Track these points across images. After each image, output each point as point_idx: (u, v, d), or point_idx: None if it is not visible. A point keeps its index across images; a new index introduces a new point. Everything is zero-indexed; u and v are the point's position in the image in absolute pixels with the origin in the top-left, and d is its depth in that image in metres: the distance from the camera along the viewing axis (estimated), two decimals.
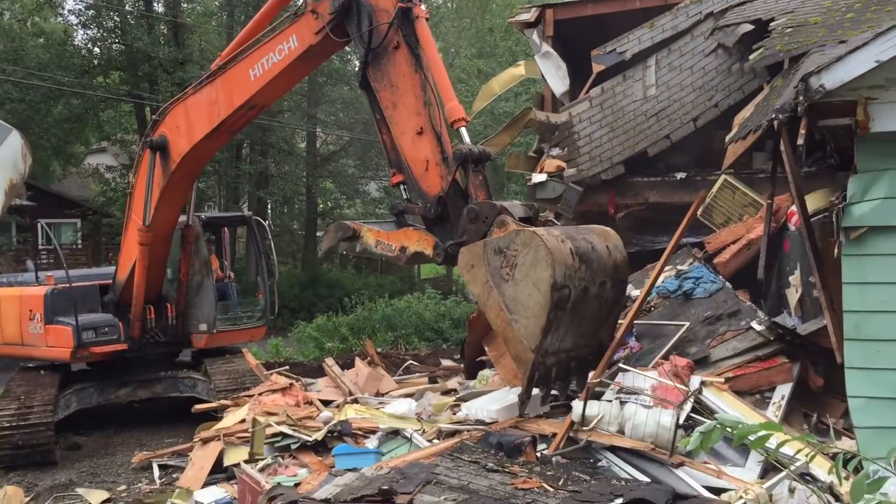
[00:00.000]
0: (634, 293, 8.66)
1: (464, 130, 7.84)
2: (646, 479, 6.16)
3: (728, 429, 3.13)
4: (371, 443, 8.04)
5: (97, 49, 32.16)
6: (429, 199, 7.81)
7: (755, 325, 7.55)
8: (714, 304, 8.14)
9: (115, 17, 30.06)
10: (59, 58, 29.83)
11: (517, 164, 14.42)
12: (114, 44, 31.25)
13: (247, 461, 8.18)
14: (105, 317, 11.65)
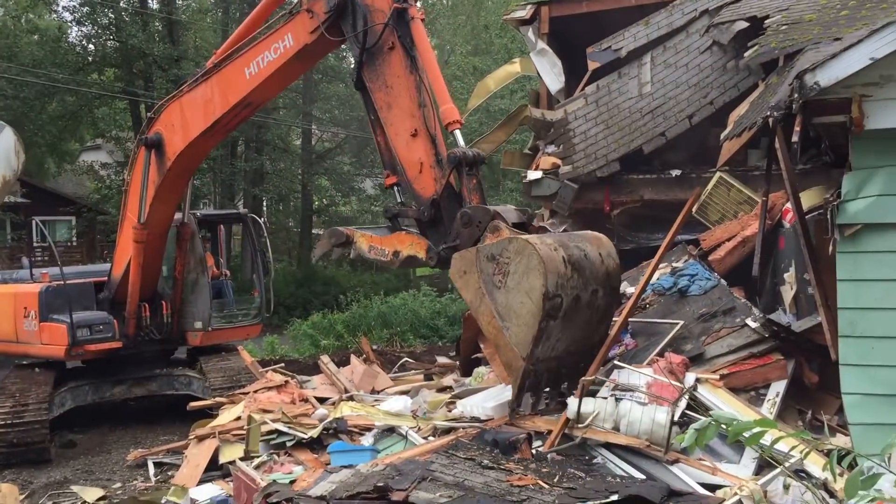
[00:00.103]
0: (629, 290, 8.67)
1: (458, 133, 7.83)
2: (641, 476, 6.16)
3: (723, 426, 3.14)
4: (366, 440, 8.04)
5: (92, 46, 32.13)
6: (422, 202, 7.81)
7: (750, 323, 7.56)
8: (709, 302, 8.15)
9: (110, 14, 30.00)
10: (54, 54, 29.77)
11: (512, 162, 14.42)
12: (108, 40, 31.20)
13: (242, 459, 8.17)
14: (100, 314, 11.64)
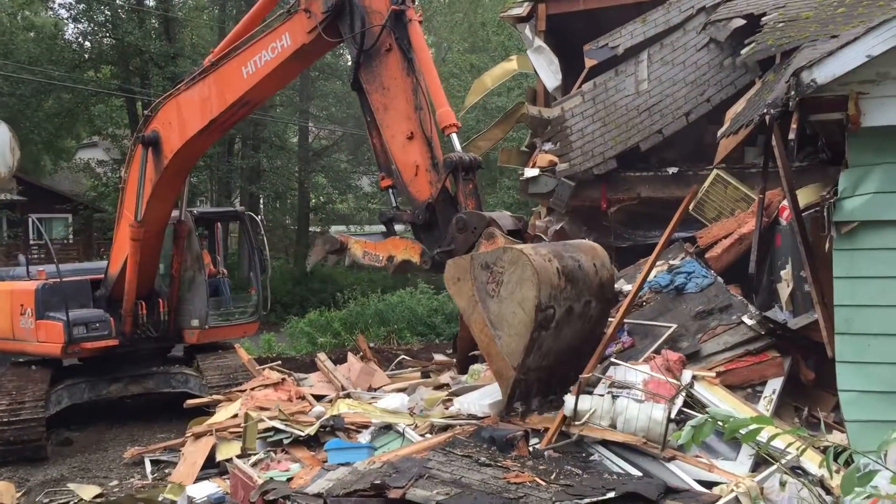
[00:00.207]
0: (626, 288, 8.67)
1: (454, 137, 7.83)
2: (638, 473, 6.17)
3: (719, 423, 3.14)
4: (363, 437, 8.04)
5: (88, 43, 32.09)
6: (417, 205, 7.81)
7: (746, 320, 7.57)
8: (705, 299, 8.16)
9: (106, 11, 29.94)
10: (50, 52, 29.71)
11: (509, 159, 14.41)
12: (105, 38, 31.14)
13: (239, 456, 8.17)
14: (96, 312, 11.62)
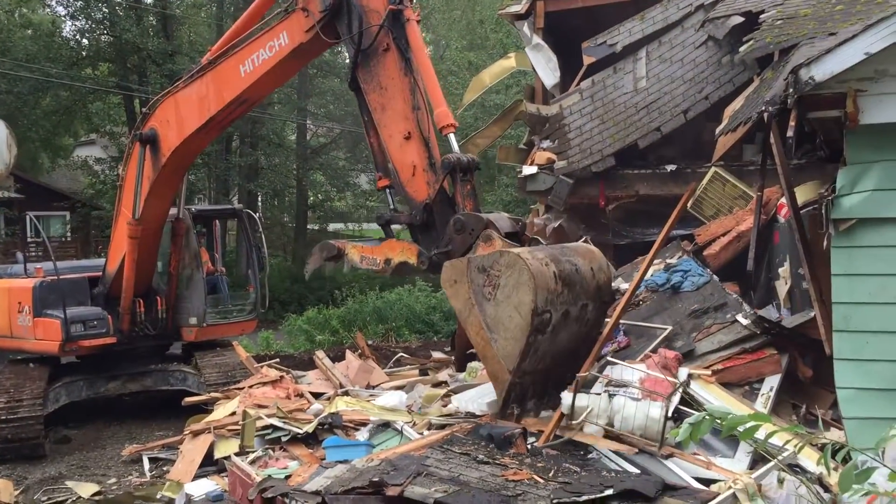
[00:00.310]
0: (623, 287, 8.67)
1: (452, 137, 7.81)
2: (635, 471, 6.17)
3: (717, 420, 3.15)
4: (362, 435, 8.04)
5: (85, 41, 32.02)
6: (414, 205, 7.80)
7: (741, 319, 7.57)
8: (701, 298, 8.16)
9: (104, 9, 29.87)
10: (48, 49, 29.67)
11: (508, 157, 14.41)
12: (102, 35, 31.09)
13: (237, 454, 8.16)
14: (94, 310, 11.61)
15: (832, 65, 5.53)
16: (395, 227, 8.96)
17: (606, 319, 7.69)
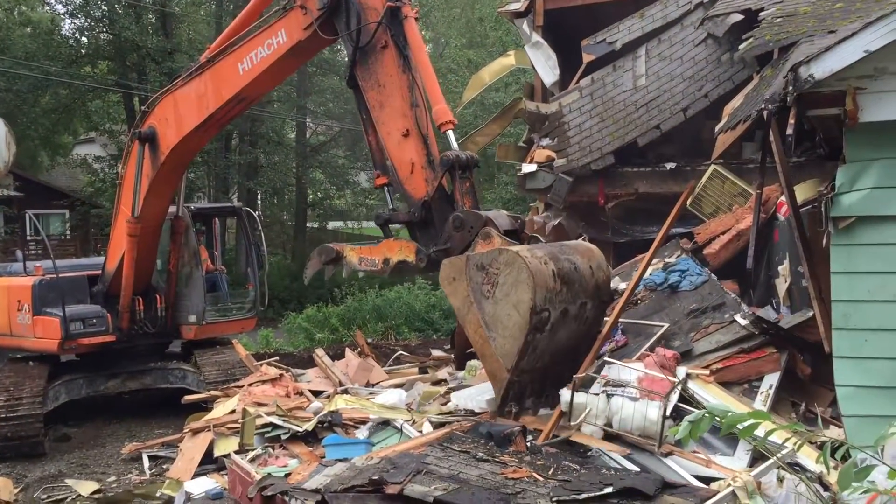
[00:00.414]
0: (622, 286, 8.67)
1: (451, 134, 7.80)
2: (635, 469, 6.18)
3: (717, 418, 3.15)
4: (361, 433, 8.04)
5: (85, 38, 31.98)
6: (413, 203, 7.78)
7: (738, 319, 7.56)
8: (699, 297, 8.15)
9: (103, 7, 29.86)
10: (47, 47, 29.66)
11: (507, 155, 14.40)
12: (101, 33, 31.07)
13: (237, 452, 8.17)
14: (93, 308, 11.61)
15: (832, 62, 5.52)
16: (394, 227, 8.95)
17: (605, 318, 7.69)
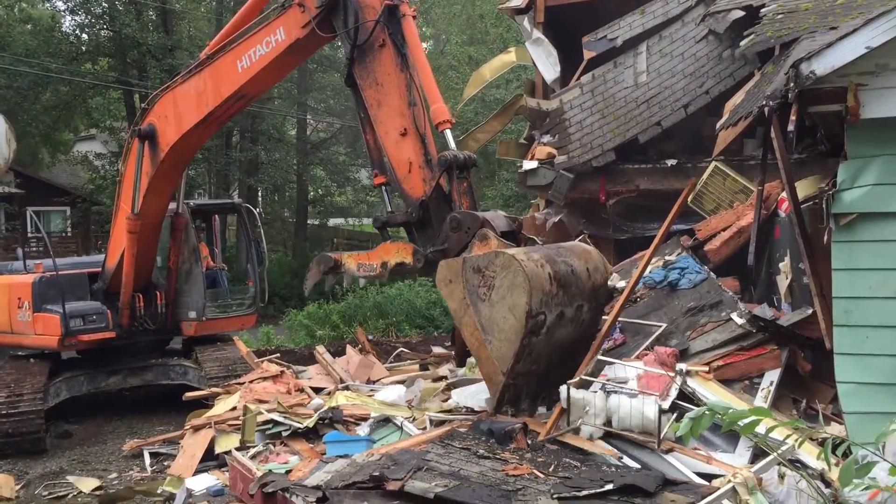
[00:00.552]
0: (621, 284, 8.66)
1: (448, 133, 7.79)
2: (636, 466, 6.18)
3: (718, 415, 3.14)
4: (362, 430, 8.05)
5: (85, 35, 31.95)
6: (411, 202, 7.77)
7: (735, 317, 7.54)
8: (698, 295, 8.13)
9: (104, 3, 29.82)
10: (47, 44, 29.61)
11: (508, 151, 14.40)
12: (102, 30, 31.03)
13: (238, 448, 8.18)
14: (93, 304, 11.62)
15: (833, 59, 5.51)
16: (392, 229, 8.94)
17: (605, 317, 7.68)
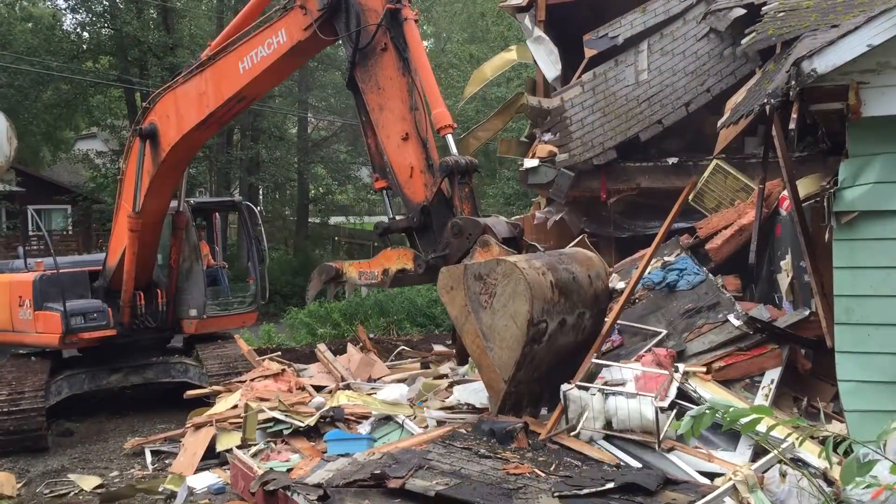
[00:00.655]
0: (620, 285, 8.66)
1: (450, 138, 7.75)
2: (637, 464, 6.17)
3: (719, 413, 3.14)
4: (363, 428, 8.05)
5: (86, 34, 31.98)
6: (412, 207, 7.75)
7: (732, 319, 7.53)
8: (696, 297, 8.12)
9: (104, 2, 29.84)
10: (48, 42, 29.62)
11: (509, 150, 14.41)
12: (103, 28, 31.04)
13: (239, 447, 8.18)
14: (93, 303, 11.63)
15: (834, 57, 5.50)
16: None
17: (605, 319, 7.67)
